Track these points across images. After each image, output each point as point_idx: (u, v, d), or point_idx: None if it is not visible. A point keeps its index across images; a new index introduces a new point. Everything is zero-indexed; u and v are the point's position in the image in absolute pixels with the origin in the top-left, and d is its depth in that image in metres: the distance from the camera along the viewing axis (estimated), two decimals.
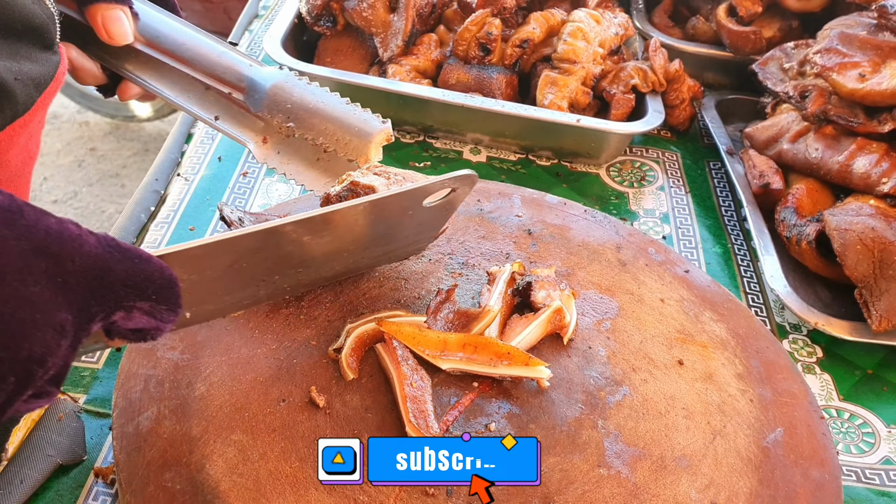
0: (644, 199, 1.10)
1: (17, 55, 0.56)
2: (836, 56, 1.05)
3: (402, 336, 0.69)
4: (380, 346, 0.69)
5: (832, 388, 0.85)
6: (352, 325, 0.70)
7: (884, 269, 0.86)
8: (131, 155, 3.02)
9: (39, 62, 0.58)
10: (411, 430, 0.63)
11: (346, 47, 1.19)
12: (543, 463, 0.64)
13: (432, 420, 0.64)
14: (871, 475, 0.77)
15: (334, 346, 0.69)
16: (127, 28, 0.66)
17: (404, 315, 0.73)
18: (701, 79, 1.32)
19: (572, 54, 1.11)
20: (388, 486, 0.60)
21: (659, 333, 0.78)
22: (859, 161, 0.98)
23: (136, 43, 0.69)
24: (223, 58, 0.69)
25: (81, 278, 0.38)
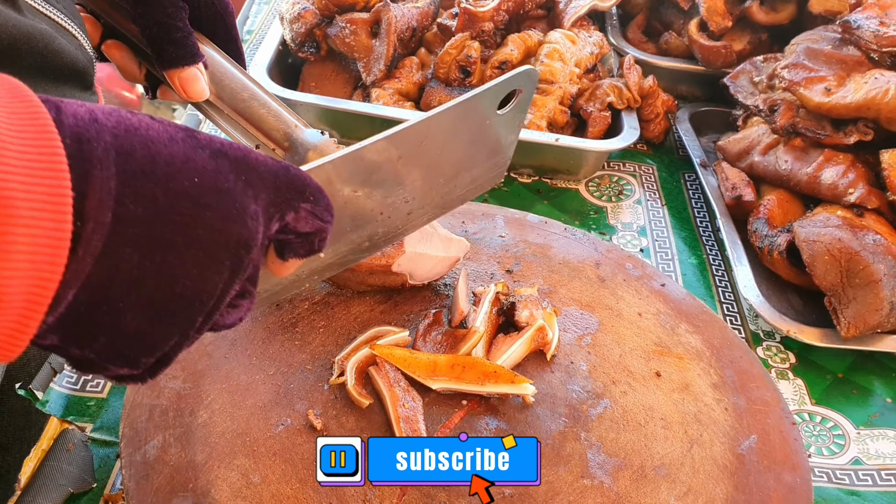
0: (622, 213, 1.14)
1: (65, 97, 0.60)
2: (802, 71, 1.09)
3: (394, 359, 0.72)
4: (372, 369, 0.73)
5: (805, 393, 0.89)
6: (342, 357, 0.74)
7: (850, 277, 0.90)
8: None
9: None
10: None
11: (330, 72, 1.22)
12: None
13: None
14: (842, 475, 0.81)
15: (335, 381, 0.73)
16: (203, 86, 0.67)
17: (391, 330, 0.77)
18: (675, 91, 1.37)
19: (549, 75, 1.15)
20: (388, 486, 0.64)
21: (637, 347, 0.82)
22: (827, 172, 1.03)
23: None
24: (275, 117, 0.72)
25: (259, 179, 0.42)
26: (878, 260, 0.89)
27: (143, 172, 0.37)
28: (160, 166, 0.38)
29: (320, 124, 1.16)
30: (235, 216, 0.40)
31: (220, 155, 0.41)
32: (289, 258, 0.48)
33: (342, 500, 0.64)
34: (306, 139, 0.72)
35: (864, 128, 1.03)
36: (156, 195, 0.37)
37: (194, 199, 0.39)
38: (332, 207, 0.48)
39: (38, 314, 0.34)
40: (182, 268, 0.39)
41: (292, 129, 0.72)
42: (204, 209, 0.39)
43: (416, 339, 0.77)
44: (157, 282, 0.38)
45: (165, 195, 0.37)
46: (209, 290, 0.40)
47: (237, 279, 0.42)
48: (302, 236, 0.47)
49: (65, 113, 0.36)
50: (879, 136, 1.03)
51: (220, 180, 0.40)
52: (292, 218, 0.45)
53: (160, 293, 0.38)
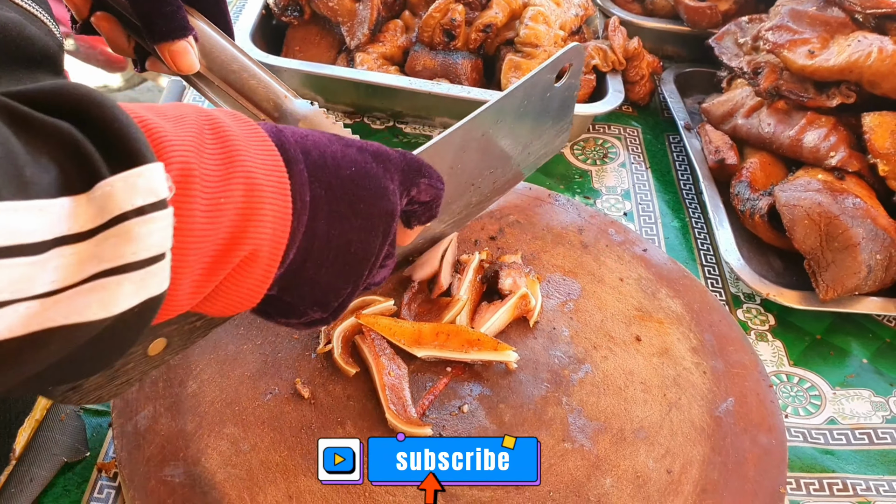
0: (606, 177, 1.14)
1: (38, 82, 0.60)
2: (786, 33, 1.09)
3: (379, 328, 0.74)
4: (358, 338, 0.74)
5: (783, 354, 0.91)
6: (328, 326, 0.75)
7: (830, 241, 0.91)
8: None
9: None
10: (391, 417, 0.68)
11: (313, 36, 1.22)
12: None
13: (410, 406, 0.70)
14: (817, 435, 0.83)
15: (322, 350, 0.74)
16: (193, 59, 0.68)
17: (376, 300, 0.78)
18: (660, 52, 1.36)
19: (534, 38, 1.14)
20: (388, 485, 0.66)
21: (618, 312, 0.84)
22: (809, 135, 1.03)
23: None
24: (265, 87, 0.73)
25: (392, 164, 0.54)
26: (857, 224, 0.91)
27: (320, 165, 0.49)
28: (329, 160, 0.50)
29: (304, 90, 1.16)
30: (382, 193, 0.52)
31: (363, 150, 0.52)
32: (414, 225, 0.60)
33: None
34: (296, 109, 0.72)
35: (846, 90, 1.04)
36: (331, 181, 0.49)
37: (355, 183, 0.50)
38: (441, 178, 0.58)
39: (276, 267, 0.46)
40: (353, 233, 0.51)
41: (282, 99, 0.72)
42: (362, 189, 0.51)
43: (400, 307, 0.79)
44: (339, 244, 0.50)
45: (337, 180, 0.49)
46: (371, 249, 0.52)
47: (388, 242, 0.54)
48: (423, 205, 0.58)
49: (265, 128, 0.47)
50: (862, 99, 1.03)
51: (368, 168, 0.52)
52: (416, 192, 0.56)
53: (342, 252, 0.50)
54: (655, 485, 0.68)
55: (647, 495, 0.68)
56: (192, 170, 0.40)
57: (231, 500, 0.63)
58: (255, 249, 0.44)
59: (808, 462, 0.80)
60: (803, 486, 0.78)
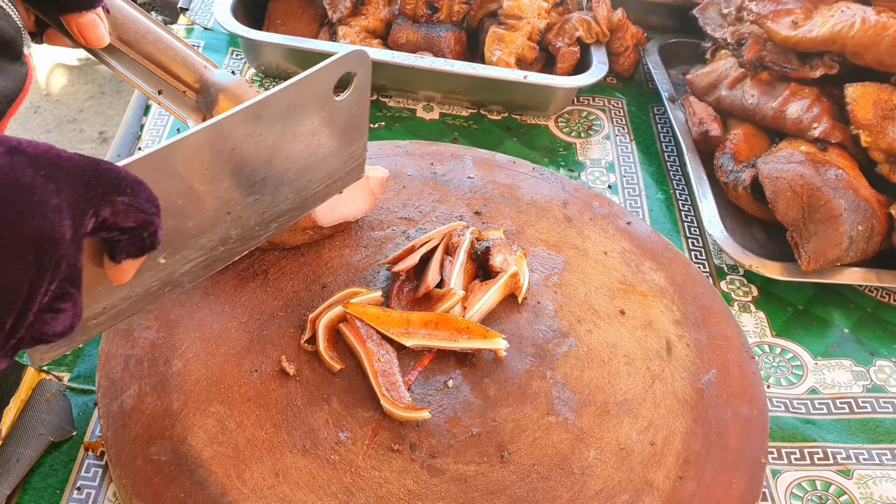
0: (591, 149, 1.14)
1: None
2: (770, 3, 1.09)
3: (368, 317, 0.73)
4: (343, 326, 0.74)
5: (766, 325, 0.92)
6: (314, 315, 0.75)
7: (812, 213, 0.92)
8: (87, 98, 2.99)
9: (10, 75, 0.60)
10: (386, 404, 0.68)
11: (295, 9, 1.21)
12: (497, 414, 0.71)
13: (403, 391, 0.70)
14: (798, 405, 0.84)
15: (305, 339, 0.74)
16: (103, 32, 0.65)
17: (363, 292, 0.77)
18: (645, 23, 1.36)
19: (517, 10, 1.14)
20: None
21: (602, 285, 0.84)
22: (792, 106, 1.04)
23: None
24: (183, 59, 0.71)
25: (61, 173, 0.42)
26: (839, 195, 0.91)
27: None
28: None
29: (287, 64, 1.15)
30: (34, 209, 0.40)
31: (15, 152, 0.41)
32: (121, 259, 0.48)
33: (316, 443, 0.66)
34: (217, 80, 0.70)
35: (829, 61, 1.04)
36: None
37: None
38: (155, 199, 0.47)
39: None
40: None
41: (202, 70, 0.71)
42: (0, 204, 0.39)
43: (390, 297, 0.78)
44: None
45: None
46: (14, 287, 0.40)
47: (46, 276, 0.42)
48: (128, 232, 0.47)
49: None
50: (845, 70, 1.04)
51: (15, 175, 0.40)
52: (110, 213, 0.45)
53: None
54: (639, 457, 0.69)
55: (630, 467, 0.68)
56: None
57: (218, 477, 0.63)
58: None
59: (790, 432, 0.81)
60: (784, 455, 0.79)
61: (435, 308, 0.76)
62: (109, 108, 2.97)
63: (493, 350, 0.74)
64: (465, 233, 0.84)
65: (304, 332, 0.74)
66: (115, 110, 2.96)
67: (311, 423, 0.68)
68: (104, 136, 2.79)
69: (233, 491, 0.62)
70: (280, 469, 0.64)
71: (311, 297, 0.78)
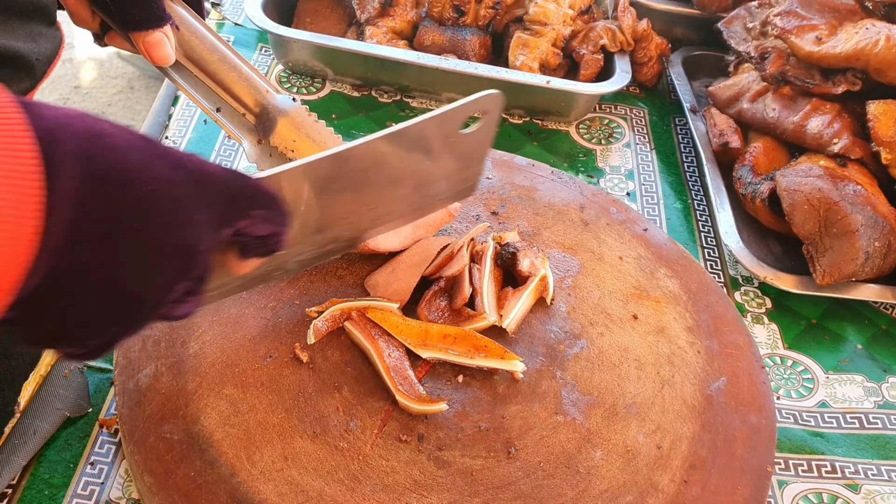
0: (611, 156, 1.15)
1: (32, 34, 0.62)
2: (795, 19, 1.09)
3: (387, 324, 0.74)
4: (349, 323, 0.74)
5: (778, 337, 0.92)
6: (336, 299, 0.75)
7: (828, 227, 0.92)
8: (116, 93, 3.03)
9: (48, 38, 0.63)
10: (402, 398, 0.69)
11: (325, 8, 1.22)
12: (506, 410, 0.71)
13: (417, 384, 0.71)
14: (808, 417, 0.84)
15: (316, 308, 0.75)
16: (169, 51, 0.66)
17: (381, 301, 0.77)
18: (670, 34, 1.36)
19: (543, 16, 1.15)
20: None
21: (616, 290, 0.85)
22: (813, 121, 1.04)
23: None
24: (245, 81, 0.72)
25: (212, 189, 0.45)
26: (857, 210, 0.91)
27: (104, 177, 0.39)
28: (121, 172, 0.40)
29: (314, 61, 1.16)
30: (183, 224, 0.43)
31: (178, 166, 0.43)
32: (248, 257, 0.52)
33: (325, 430, 0.67)
34: (277, 105, 0.72)
35: (852, 78, 1.04)
36: (112, 199, 0.40)
37: (147, 206, 0.41)
38: (286, 213, 0.51)
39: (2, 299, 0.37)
40: (127, 267, 0.41)
41: (263, 94, 0.72)
42: (155, 216, 0.42)
43: (421, 302, 0.78)
44: (104, 277, 0.41)
45: (121, 200, 0.40)
46: (151, 289, 0.44)
47: (181, 281, 0.45)
48: (258, 239, 0.50)
49: (37, 115, 0.38)
50: (868, 87, 1.04)
51: (173, 190, 0.43)
52: (246, 224, 0.48)
53: (107, 288, 0.41)
54: (645, 459, 0.70)
55: (636, 469, 0.69)
56: None
57: (228, 458, 0.64)
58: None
59: (798, 443, 0.81)
60: (792, 466, 0.79)
61: (463, 325, 0.76)
62: (137, 104, 3.00)
63: (509, 371, 0.74)
64: (487, 238, 0.84)
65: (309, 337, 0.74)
66: (143, 105, 2.99)
67: (322, 409, 0.69)
68: None
69: (242, 472, 0.63)
70: (289, 453, 0.65)
71: (326, 287, 0.79)
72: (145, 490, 0.63)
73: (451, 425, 0.69)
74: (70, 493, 0.68)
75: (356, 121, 1.13)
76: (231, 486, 0.62)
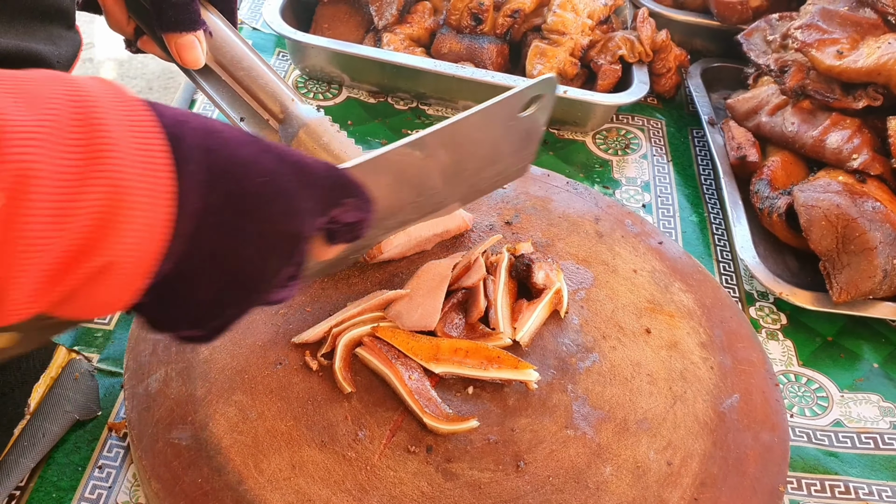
0: (627, 168, 1.14)
1: (53, 37, 0.63)
2: (816, 32, 1.08)
3: (397, 342, 0.73)
4: (362, 350, 0.73)
5: (793, 354, 0.91)
6: (337, 330, 0.73)
7: (846, 244, 0.91)
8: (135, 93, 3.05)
9: (67, 41, 0.64)
10: (431, 421, 0.68)
11: (343, 14, 1.22)
12: (515, 423, 0.71)
13: (442, 404, 0.70)
14: (822, 436, 0.83)
15: (323, 352, 0.73)
16: (199, 55, 0.68)
17: (386, 292, 0.77)
18: (689, 45, 1.36)
19: (561, 26, 1.14)
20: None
21: (630, 303, 0.84)
22: (832, 136, 1.03)
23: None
24: (272, 87, 0.74)
25: (313, 180, 0.48)
26: (875, 227, 0.90)
27: (224, 169, 0.43)
28: (237, 165, 0.44)
29: (331, 67, 1.16)
30: (293, 213, 0.47)
31: (282, 160, 0.47)
32: (335, 243, 0.54)
33: (333, 439, 0.67)
34: (301, 114, 0.73)
35: (873, 93, 1.03)
36: (232, 190, 0.43)
37: (262, 196, 0.45)
38: (371, 201, 0.54)
39: (140, 280, 0.41)
40: (248, 253, 0.45)
41: (288, 102, 0.73)
42: (269, 205, 0.45)
43: (443, 316, 0.77)
44: (228, 262, 0.44)
45: (240, 190, 0.44)
46: (266, 272, 0.47)
47: (287, 266, 0.48)
48: (347, 226, 0.53)
49: (162, 115, 0.41)
50: (889, 102, 1.03)
51: (282, 182, 0.46)
52: (338, 212, 0.51)
53: (227, 272, 0.45)
54: (655, 475, 0.69)
55: (645, 485, 0.68)
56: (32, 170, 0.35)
57: (236, 465, 0.64)
58: (112, 262, 0.39)
59: (811, 462, 0.80)
60: (805, 486, 0.78)
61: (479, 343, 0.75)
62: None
63: (522, 382, 0.73)
64: (502, 249, 0.84)
65: (324, 344, 0.74)
66: None
67: (331, 418, 0.68)
68: None
69: (249, 479, 0.63)
70: (297, 461, 0.65)
71: (338, 294, 0.79)
72: (152, 495, 0.63)
73: (459, 437, 0.69)
74: (77, 497, 0.68)
75: (372, 127, 1.13)
76: (238, 494, 0.62)
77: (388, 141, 1.09)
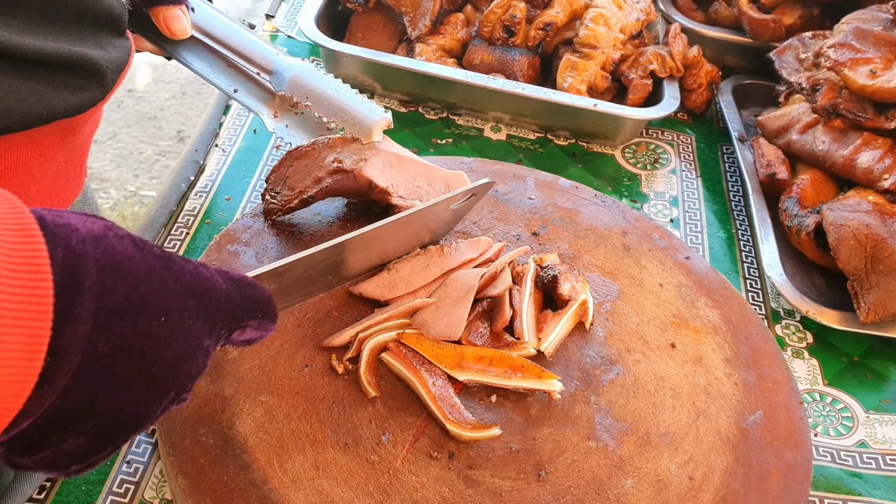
0: (656, 182, 1.14)
1: (102, 43, 0.65)
2: (849, 51, 1.08)
3: (422, 349, 0.74)
4: (387, 356, 0.74)
5: (818, 373, 0.91)
6: (363, 335, 0.75)
7: (875, 264, 0.91)
8: (169, 98, 3.09)
9: (118, 48, 0.67)
10: (454, 427, 0.69)
11: (376, 24, 1.24)
12: (538, 433, 0.71)
13: (465, 411, 0.71)
14: (846, 457, 0.82)
15: (348, 356, 0.74)
16: (185, 25, 0.76)
17: (413, 300, 0.78)
18: (721, 62, 1.36)
19: (593, 39, 1.15)
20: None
21: (655, 317, 0.84)
22: (864, 156, 1.02)
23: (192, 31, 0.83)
24: (257, 46, 0.84)
25: (217, 311, 0.47)
26: None
27: (117, 312, 0.39)
28: (133, 306, 0.40)
29: (363, 76, 1.18)
30: (190, 354, 0.45)
31: (189, 291, 0.44)
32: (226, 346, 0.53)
33: (357, 442, 0.68)
34: (287, 62, 0.84)
35: None
36: (125, 334, 0.40)
37: (157, 339, 0.42)
38: (276, 318, 0.54)
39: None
40: (130, 399, 0.42)
41: (274, 55, 0.84)
42: (164, 348, 0.42)
43: (469, 324, 0.78)
44: (104, 411, 0.41)
45: (133, 335, 0.40)
46: (150, 415, 0.44)
47: (179, 398, 0.46)
48: (244, 341, 0.53)
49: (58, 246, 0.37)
50: None
51: (184, 319, 0.44)
52: (238, 334, 0.51)
53: (105, 420, 0.41)
54: (676, 490, 0.69)
55: (666, 499, 0.68)
56: None
57: (261, 464, 0.65)
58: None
59: (835, 483, 0.80)
60: None
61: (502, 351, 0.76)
62: (189, 109, 3.06)
63: (546, 391, 0.74)
64: (529, 260, 0.84)
65: (349, 348, 0.75)
66: (194, 111, 3.05)
67: (355, 421, 0.69)
68: (181, 136, 2.89)
69: (273, 479, 0.64)
70: (321, 463, 0.66)
71: (364, 300, 0.79)
72: (179, 491, 0.64)
73: (482, 445, 0.69)
74: (106, 490, 0.69)
75: (402, 136, 1.14)
76: (262, 493, 0.63)
77: (419, 150, 1.10)
